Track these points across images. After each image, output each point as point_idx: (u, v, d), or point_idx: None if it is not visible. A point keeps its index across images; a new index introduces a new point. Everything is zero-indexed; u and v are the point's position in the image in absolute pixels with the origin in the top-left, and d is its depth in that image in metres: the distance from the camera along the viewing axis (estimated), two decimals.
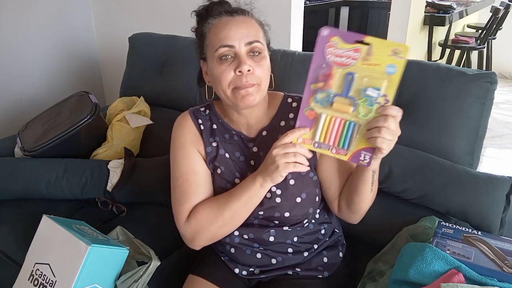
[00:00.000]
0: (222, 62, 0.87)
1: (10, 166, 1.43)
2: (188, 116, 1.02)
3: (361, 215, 0.97)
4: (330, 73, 0.77)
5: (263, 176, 0.86)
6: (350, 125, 0.78)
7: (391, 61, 0.73)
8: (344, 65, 0.76)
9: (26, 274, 1.00)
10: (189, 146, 0.98)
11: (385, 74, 0.74)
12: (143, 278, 0.99)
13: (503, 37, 4.28)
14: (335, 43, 0.76)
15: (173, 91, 1.70)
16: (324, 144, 0.80)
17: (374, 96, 0.75)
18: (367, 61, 0.74)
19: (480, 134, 1.15)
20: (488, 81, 1.12)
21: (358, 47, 0.75)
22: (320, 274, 1.00)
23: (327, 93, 0.78)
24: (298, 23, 1.87)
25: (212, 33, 0.90)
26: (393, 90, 0.74)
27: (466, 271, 0.81)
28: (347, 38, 0.75)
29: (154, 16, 2.31)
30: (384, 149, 0.76)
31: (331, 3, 4.32)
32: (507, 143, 3.23)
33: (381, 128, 0.74)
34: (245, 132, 1.00)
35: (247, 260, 1.00)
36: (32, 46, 2.35)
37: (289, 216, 0.95)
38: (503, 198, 1.06)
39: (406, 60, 0.73)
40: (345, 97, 0.77)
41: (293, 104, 1.00)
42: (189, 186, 0.96)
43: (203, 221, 0.92)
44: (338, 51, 0.76)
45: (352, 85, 0.76)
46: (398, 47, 0.72)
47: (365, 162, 0.79)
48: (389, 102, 0.75)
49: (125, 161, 1.41)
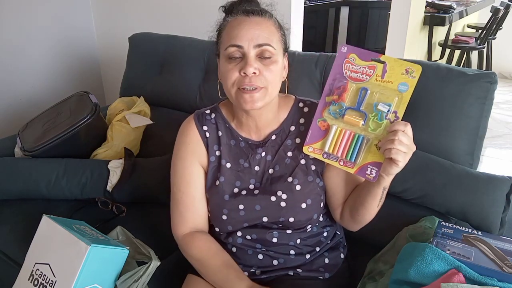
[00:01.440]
0: (230, 61, 0.87)
1: (10, 166, 1.43)
2: (193, 122, 1.01)
3: (362, 225, 0.97)
4: (345, 87, 0.81)
5: None
6: (359, 138, 0.80)
7: (404, 80, 0.76)
8: (359, 80, 0.80)
9: (26, 274, 1.00)
10: (190, 157, 0.99)
11: (397, 91, 0.77)
12: (143, 278, 0.99)
13: (503, 37, 4.29)
14: (353, 60, 0.80)
15: (173, 91, 1.71)
16: (332, 155, 0.83)
17: (384, 111, 0.78)
18: (380, 78, 0.78)
19: (480, 134, 1.15)
20: (488, 81, 1.12)
21: (373, 64, 0.78)
22: (321, 275, 1.00)
23: (340, 106, 0.81)
24: (298, 23, 1.87)
25: (225, 31, 0.90)
26: (403, 107, 0.77)
27: (466, 271, 0.81)
28: (364, 56, 0.79)
29: (154, 16, 2.31)
30: (399, 161, 0.76)
31: (331, 3, 4.32)
32: (507, 143, 3.23)
33: (393, 140, 0.75)
34: (254, 136, 0.99)
35: (248, 260, 0.99)
36: (32, 46, 2.35)
37: (293, 221, 0.94)
38: (503, 198, 1.06)
39: (417, 79, 0.75)
40: (357, 110, 0.80)
41: (304, 109, 0.99)
42: (182, 195, 1.00)
43: (193, 255, 0.99)
44: (355, 67, 0.80)
45: (364, 100, 0.79)
46: (411, 67, 0.75)
47: (371, 177, 0.81)
48: (399, 119, 0.77)
49: (125, 161, 1.41)
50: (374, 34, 4.39)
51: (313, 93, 1.32)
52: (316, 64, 1.36)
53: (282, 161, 0.96)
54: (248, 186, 0.97)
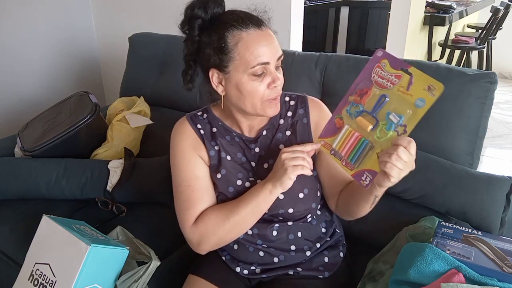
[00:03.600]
0: (256, 78, 0.87)
1: (10, 166, 1.43)
2: (186, 122, 1.01)
3: (355, 218, 0.98)
4: (369, 90, 0.81)
5: (273, 182, 0.87)
6: (363, 142, 0.81)
7: (423, 95, 0.75)
8: (383, 87, 0.80)
9: (26, 274, 1.00)
10: (190, 151, 0.98)
11: (413, 105, 0.76)
12: (143, 278, 0.99)
13: (503, 37, 4.29)
14: (384, 65, 0.80)
15: (173, 91, 1.71)
16: (338, 153, 0.84)
17: (394, 122, 0.78)
18: (404, 89, 0.77)
19: (480, 134, 1.15)
20: (488, 81, 1.12)
21: (400, 74, 0.78)
22: (321, 274, 1.00)
23: (358, 107, 0.82)
24: (298, 23, 1.87)
25: (243, 47, 0.85)
26: (414, 122, 0.76)
27: (466, 271, 0.81)
28: (395, 63, 0.79)
29: (154, 16, 2.31)
30: (392, 177, 0.76)
31: (331, 3, 4.32)
32: (507, 143, 3.23)
33: (391, 154, 0.74)
34: (246, 133, 1.00)
35: (249, 257, 1.00)
36: (32, 46, 2.35)
37: (292, 212, 0.96)
38: (503, 198, 1.06)
39: (436, 98, 0.74)
40: (371, 115, 0.81)
41: (291, 102, 1.02)
42: (191, 191, 0.96)
43: (210, 225, 0.93)
44: (383, 73, 0.80)
45: (381, 107, 0.79)
46: (434, 84, 0.74)
47: (364, 183, 0.81)
48: (407, 133, 0.77)
49: (125, 161, 1.41)
50: (374, 34, 4.39)
51: (313, 93, 1.32)
52: (316, 64, 1.36)
53: (275, 154, 0.96)
54: (248, 179, 0.98)
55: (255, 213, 0.92)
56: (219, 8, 0.90)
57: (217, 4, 0.89)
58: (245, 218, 0.92)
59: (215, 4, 0.89)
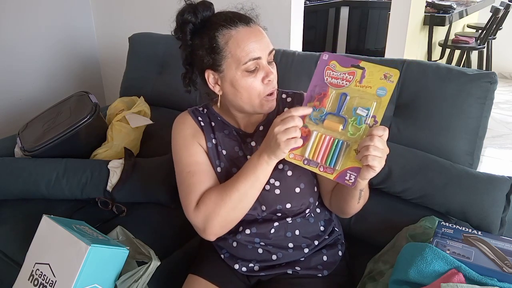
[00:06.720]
0: (249, 74, 0.89)
1: (10, 166, 1.43)
2: (188, 114, 1.04)
3: (349, 216, 1.00)
4: (326, 93, 0.82)
5: (268, 153, 0.86)
6: (338, 143, 0.81)
7: (382, 84, 0.77)
8: (339, 86, 0.81)
9: (26, 274, 1.00)
10: (190, 139, 1.00)
11: (376, 96, 0.78)
12: (143, 278, 0.99)
13: (503, 37, 4.29)
14: (333, 66, 0.82)
15: (173, 91, 1.71)
16: (313, 161, 0.83)
17: (363, 115, 0.79)
18: (360, 83, 0.79)
19: (480, 134, 1.15)
20: (488, 81, 1.12)
21: (353, 70, 0.80)
22: (320, 273, 1.00)
23: (321, 112, 0.83)
24: (298, 23, 1.87)
25: (233, 45, 0.88)
26: (382, 111, 0.78)
27: (466, 271, 0.81)
28: (344, 62, 0.81)
29: (154, 16, 2.31)
30: (375, 167, 0.77)
31: (331, 3, 4.33)
32: (507, 143, 3.23)
33: (369, 146, 0.75)
34: (243, 128, 1.02)
35: (247, 254, 1.01)
36: (32, 46, 2.35)
37: (290, 207, 0.97)
38: (503, 198, 1.06)
39: (395, 83, 0.77)
40: (337, 115, 0.81)
41: (287, 99, 1.04)
42: (192, 176, 0.96)
43: (211, 204, 0.91)
44: (335, 74, 0.82)
45: (344, 105, 0.81)
46: (389, 72, 0.77)
47: (350, 182, 0.81)
48: (378, 123, 0.78)
49: (125, 161, 1.41)
50: (374, 34, 4.39)
51: None
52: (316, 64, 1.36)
53: None
54: None
55: (255, 186, 0.91)
56: (208, 11, 0.93)
57: (206, 7, 0.92)
58: (246, 193, 0.91)
59: (204, 8, 0.92)
